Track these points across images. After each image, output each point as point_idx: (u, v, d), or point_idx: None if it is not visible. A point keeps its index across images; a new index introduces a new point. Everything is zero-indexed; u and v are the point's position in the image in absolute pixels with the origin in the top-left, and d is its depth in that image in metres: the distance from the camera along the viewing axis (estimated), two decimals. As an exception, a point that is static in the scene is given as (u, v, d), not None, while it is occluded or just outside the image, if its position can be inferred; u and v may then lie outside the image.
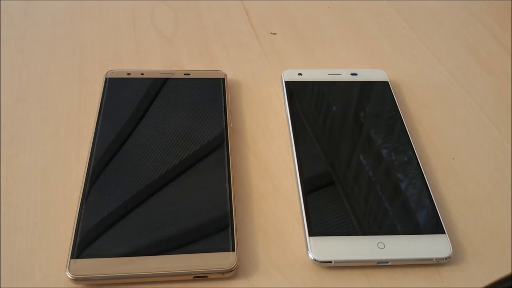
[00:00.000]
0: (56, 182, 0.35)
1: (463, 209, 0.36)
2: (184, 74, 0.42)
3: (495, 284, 0.23)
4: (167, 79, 0.42)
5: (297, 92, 0.41)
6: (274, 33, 0.50)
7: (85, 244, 0.31)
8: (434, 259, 0.32)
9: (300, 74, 0.43)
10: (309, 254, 0.31)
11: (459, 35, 0.51)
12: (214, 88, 0.41)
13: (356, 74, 0.43)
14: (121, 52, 0.46)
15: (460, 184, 0.37)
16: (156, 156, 0.36)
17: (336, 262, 0.31)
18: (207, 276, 0.30)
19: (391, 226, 0.33)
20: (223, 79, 0.42)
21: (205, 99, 0.40)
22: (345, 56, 0.48)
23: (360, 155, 0.37)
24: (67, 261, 0.30)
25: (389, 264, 0.32)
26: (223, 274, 0.30)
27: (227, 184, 0.34)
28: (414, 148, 0.38)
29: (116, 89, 0.40)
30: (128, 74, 0.42)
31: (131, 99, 0.40)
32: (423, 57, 0.48)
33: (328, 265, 0.32)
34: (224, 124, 0.38)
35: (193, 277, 0.30)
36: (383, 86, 0.43)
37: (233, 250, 0.31)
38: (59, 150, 0.37)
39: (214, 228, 0.32)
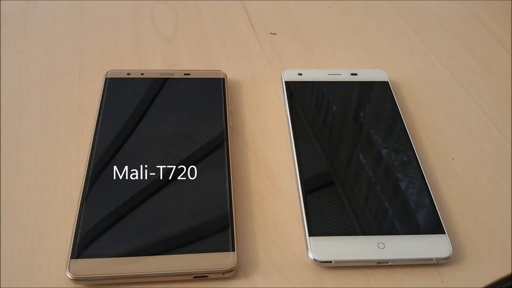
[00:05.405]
0: (56, 182, 0.35)
1: (463, 209, 0.36)
2: (184, 74, 0.42)
3: (495, 284, 0.23)
4: (167, 79, 0.42)
5: (297, 92, 0.41)
6: (274, 33, 0.50)
7: (85, 244, 0.31)
8: (434, 259, 0.32)
9: (300, 74, 0.43)
10: (309, 254, 0.31)
11: (459, 35, 0.51)
12: (214, 88, 0.41)
13: (356, 74, 0.43)
14: (121, 52, 0.46)
15: (460, 184, 0.37)
16: (156, 156, 0.36)
17: (336, 262, 0.31)
18: (207, 276, 0.30)
19: (391, 226, 0.33)
20: (223, 79, 0.42)
21: (205, 99, 0.40)
22: (345, 56, 0.48)
23: (360, 155, 0.37)
24: (67, 261, 0.30)
25: (389, 264, 0.32)
26: (223, 274, 0.30)
27: (227, 184, 0.34)
28: (414, 148, 0.38)
29: (116, 89, 0.40)
30: (128, 74, 0.42)
31: (131, 99, 0.40)
32: (423, 57, 0.48)
33: (328, 265, 0.32)
34: (224, 124, 0.38)
35: (193, 277, 0.30)
36: (383, 86, 0.43)
37: (233, 250, 0.31)
38: (59, 150, 0.37)
39: (214, 228, 0.32)
